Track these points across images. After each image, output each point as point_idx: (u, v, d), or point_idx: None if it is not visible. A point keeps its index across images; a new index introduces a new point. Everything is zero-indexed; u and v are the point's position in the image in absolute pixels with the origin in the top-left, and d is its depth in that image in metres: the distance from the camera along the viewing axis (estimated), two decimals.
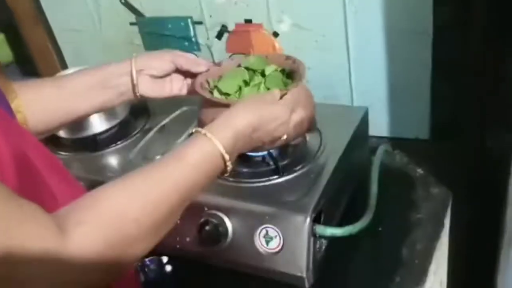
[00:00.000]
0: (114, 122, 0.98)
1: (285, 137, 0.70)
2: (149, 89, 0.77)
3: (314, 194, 0.73)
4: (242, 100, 0.69)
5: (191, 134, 0.61)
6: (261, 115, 0.65)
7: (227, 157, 0.60)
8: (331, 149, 0.82)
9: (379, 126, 0.99)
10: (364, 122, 0.90)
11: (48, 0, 1.24)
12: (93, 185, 0.84)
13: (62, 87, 0.73)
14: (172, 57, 0.78)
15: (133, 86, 0.75)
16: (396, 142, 0.99)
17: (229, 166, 0.61)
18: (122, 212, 0.49)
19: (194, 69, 0.78)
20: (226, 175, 0.63)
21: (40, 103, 0.70)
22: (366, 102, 0.96)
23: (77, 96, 0.73)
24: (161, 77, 0.79)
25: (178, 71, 0.80)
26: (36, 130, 0.70)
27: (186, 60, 0.79)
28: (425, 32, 0.85)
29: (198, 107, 0.81)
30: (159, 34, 1.12)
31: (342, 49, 0.94)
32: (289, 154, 0.82)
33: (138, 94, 0.77)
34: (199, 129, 0.61)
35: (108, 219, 0.48)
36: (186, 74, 0.81)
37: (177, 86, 0.81)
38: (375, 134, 1.00)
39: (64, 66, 1.34)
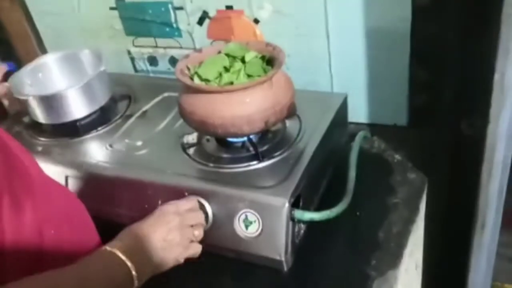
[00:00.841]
0: (95, 107, 0.98)
1: (196, 235, 0.72)
2: None
3: (293, 179, 0.74)
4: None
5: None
6: (145, 224, 0.69)
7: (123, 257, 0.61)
8: (310, 135, 0.83)
9: (358, 113, 1.01)
10: (343, 108, 0.92)
11: None
12: (72, 172, 0.85)
13: None
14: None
15: None
16: (374, 128, 1.01)
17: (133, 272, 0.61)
18: None
19: None
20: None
21: None
22: (346, 88, 0.97)
23: None
24: None
25: None
26: None
27: None
28: (405, 19, 0.86)
29: (179, 93, 0.81)
30: (140, 19, 1.12)
31: (322, 36, 0.95)
32: (268, 140, 0.84)
33: None
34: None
35: None
36: None
37: None
38: (354, 121, 1.01)
39: (44, 50, 1.33)
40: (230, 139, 0.83)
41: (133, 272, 0.61)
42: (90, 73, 1.00)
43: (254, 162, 0.79)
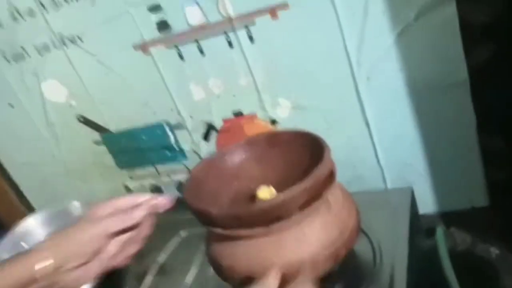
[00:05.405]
0: None
1: None
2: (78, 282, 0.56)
3: None
4: None
5: None
6: None
7: None
8: (390, 257, 0.62)
9: (424, 203, 0.81)
10: (413, 206, 0.73)
11: None
12: None
13: None
14: (99, 232, 0.55)
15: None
16: (447, 217, 0.81)
17: None
18: None
19: (130, 224, 0.57)
20: None
21: None
22: (403, 179, 0.79)
23: None
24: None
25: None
26: None
27: (118, 223, 0.56)
28: (459, 82, 0.69)
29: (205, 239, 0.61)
30: (134, 148, 0.95)
31: (359, 122, 0.78)
32: (336, 277, 0.62)
33: None
34: None
35: None
36: None
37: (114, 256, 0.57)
38: (420, 212, 0.81)
39: (27, 204, 1.16)
40: None
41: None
42: None
43: None
